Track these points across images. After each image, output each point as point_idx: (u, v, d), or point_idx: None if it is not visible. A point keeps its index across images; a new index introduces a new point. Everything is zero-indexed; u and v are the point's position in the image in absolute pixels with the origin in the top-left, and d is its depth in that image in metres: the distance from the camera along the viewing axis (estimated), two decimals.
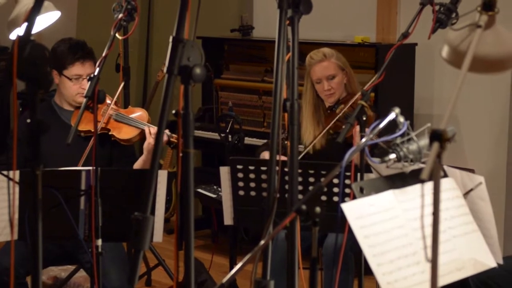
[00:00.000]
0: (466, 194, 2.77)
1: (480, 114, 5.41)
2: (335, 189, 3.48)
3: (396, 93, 5.31)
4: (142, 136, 4.15)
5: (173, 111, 2.23)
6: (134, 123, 4.16)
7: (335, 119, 4.20)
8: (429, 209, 1.86)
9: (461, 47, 2.16)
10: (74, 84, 4.09)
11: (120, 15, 3.71)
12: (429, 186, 1.85)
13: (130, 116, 4.20)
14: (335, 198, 3.49)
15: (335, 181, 3.44)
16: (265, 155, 4.36)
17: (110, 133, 4.14)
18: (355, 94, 4.29)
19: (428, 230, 1.87)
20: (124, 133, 4.15)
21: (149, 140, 4.01)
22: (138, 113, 4.25)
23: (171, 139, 4.09)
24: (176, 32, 2.14)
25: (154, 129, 4.04)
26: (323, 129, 4.26)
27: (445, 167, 2.77)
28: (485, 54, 2.13)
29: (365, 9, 5.84)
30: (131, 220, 2.07)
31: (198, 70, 2.16)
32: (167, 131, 4.06)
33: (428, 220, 1.87)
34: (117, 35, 3.58)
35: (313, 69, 4.37)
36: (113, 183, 3.46)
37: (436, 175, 1.83)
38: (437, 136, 1.82)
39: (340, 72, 4.37)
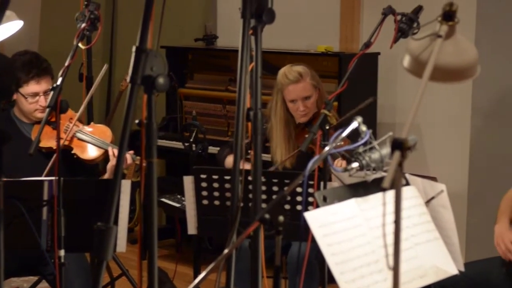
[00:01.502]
0: (428, 202, 2.79)
1: (442, 122, 5.46)
2: (299, 198, 3.49)
3: (359, 102, 5.33)
4: (105, 156, 4.12)
5: (136, 121, 2.23)
6: (97, 143, 4.13)
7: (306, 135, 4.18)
8: (391, 217, 1.88)
9: (422, 57, 2.19)
10: (30, 103, 4.05)
11: (83, 25, 3.70)
12: (390, 194, 1.87)
13: (94, 135, 4.17)
14: (299, 207, 3.50)
15: (299, 190, 3.45)
16: (231, 158, 4.35)
17: (72, 151, 4.11)
18: None
19: (390, 238, 1.89)
20: (87, 153, 4.12)
21: (113, 162, 3.97)
22: (102, 132, 4.22)
23: (136, 162, 4.06)
24: (139, 42, 2.13)
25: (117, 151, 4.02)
26: (293, 145, 4.24)
27: (407, 176, 2.79)
28: (445, 63, 2.16)
29: (328, 19, 5.87)
30: (94, 230, 2.06)
31: (161, 80, 2.15)
32: (131, 153, 4.05)
33: (390, 228, 1.88)
34: (80, 44, 3.56)
35: (287, 89, 4.31)
36: (75, 193, 3.44)
37: (397, 184, 1.85)
38: (398, 145, 1.83)
39: (314, 91, 4.33)
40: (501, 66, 5.10)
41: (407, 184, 2.74)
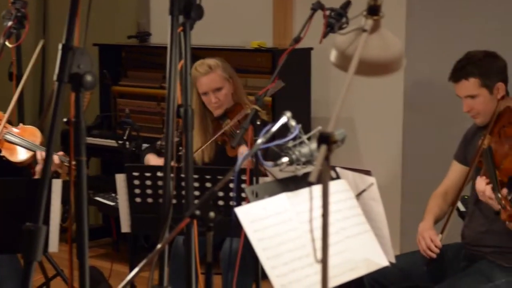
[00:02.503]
0: (358, 195, 2.82)
1: (375, 116, 5.51)
2: (232, 194, 3.50)
3: (293, 97, 5.36)
4: (34, 158, 4.08)
5: (64, 119, 2.21)
6: (26, 145, 4.08)
7: (221, 133, 4.20)
8: (319, 211, 1.89)
9: (348, 51, 2.20)
10: None
11: (10, 23, 3.65)
12: (319, 188, 1.88)
13: (23, 137, 4.11)
14: (232, 203, 3.51)
15: (232, 186, 3.46)
16: (150, 158, 4.34)
17: (1, 154, 4.06)
18: (242, 103, 4.31)
19: (319, 232, 1.90)
20: (16, 155, 4.08)
21: (41, 166, 3.93)
22: (31, 133, 4.17)
23: (65, 163, 4.01)
24: (66, 39, 2.12)
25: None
26: (210, 138, 4.25)
27: (338, 169, 2.82)
28: (371, 57, 2.17)
29: (261, 15, 5.88)
30: (23, 231, 2.04)
31: (89, 78, 2.14)
32: (60, 154, 4.01)
33: (319, 222, 1.89)
34: (7, 43, 3.51)
35: (199, 82, 4.34)
36: (5, 193, 3.40)
37: (324, 177, 1.86)
38: (324, 139, 1.85)
39: (226, 83, 4.35)
40: (432, 60, 5.18)
41: (338, 177, 2.77)
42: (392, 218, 5.37)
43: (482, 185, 3.30)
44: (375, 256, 2.63)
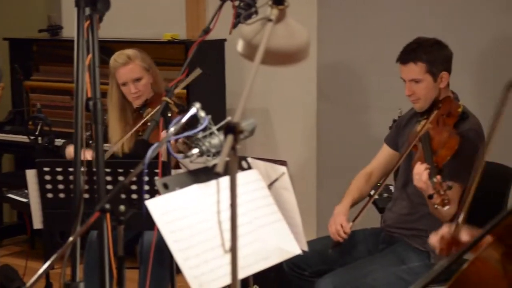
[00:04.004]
0: (270, 185, 2.83)
1: (289, 106, 5.55)
2: (146, 187, 3.48)
3: (208, 89, 5.36)
4: None
5: None
6: None
7: (142, 122, 4.18)
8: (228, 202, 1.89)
9: (254, 41, 2.21)
10: None
11: None
12: (227, 179, 1.88)
13: None
14: (147, 196, 3.48)
15: (147, 178, 3.44)
16: (71, 150, 4.29)
17: None
18: (162, 93, 4.29)
19: (228, 223, 1.90)
20: None
21: None
22: None
23: None
24: None
25: None
26: (130, 129, 4.23)
27: (249, 159, 2.82)
28: (277, 47, 2.18)
29: (174, 7, 5.86)
30: None
31: None
32: None
33: (228, 212, 1.89)
34: None
35: (118, 72, 4.33)
36: None
37: (232, 168, 1.86)
38: (231, 129, 1.85)
39: (145, 73, 4.34)
40: (344, 50, 5.23)
41: (249, 168, 2.77)
42: (308, 206, 5.43)
43: (421, 169, 3.35)
44: (287, 245, 2.65)
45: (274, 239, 2.61)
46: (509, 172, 3.72)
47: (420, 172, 3.35)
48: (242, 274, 2.44)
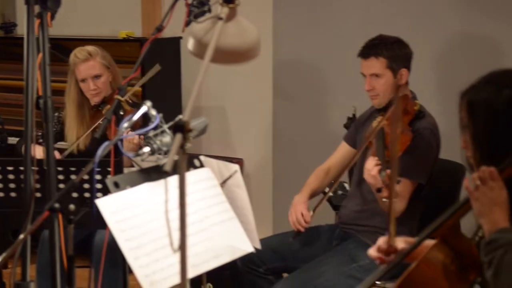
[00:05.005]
0: (223, 183, 2.83)
1: (246, 105, 5.54)
2: (99, 186, 3.45)
3: (164, 87, 5.34)
4: None
5: None
6: None
7: (101, 120, 4.15)
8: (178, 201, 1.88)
9: (205, 39, 2.21)
10: None
11: None
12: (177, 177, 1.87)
13: None
14: (99, 194, 3.46)
15: (99, 177, 3.41)
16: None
17: None
18: None
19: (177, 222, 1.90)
20: None
21: None
22: None
23: None
24: None
25: None
26: (87, 128, 4.21)
27: (202, 157, 2.82)
28: (227, 45, 2.18)
29: (129, 4, 5.83)
30: None
31: None
32: None
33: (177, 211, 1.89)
34: None
35: (78, 68, 4.30)
36: None
37: (181, 166, 1.86)
38: (179, 128, 1.84)
39: (105, 71, 4.32)
40: (300, 47, 5.24)
41: (202, 166, 2.77)
42: (265, 204, 5.44)
43: (371, 164, 3.40)
44: (239, 243, 2.65)
45: (226, 237, 2.61)
46: (461, 169, 3.75)
47: (371, 167, 3.39)
48: (193, 272, 2.44)
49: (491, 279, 2.15)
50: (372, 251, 2.66)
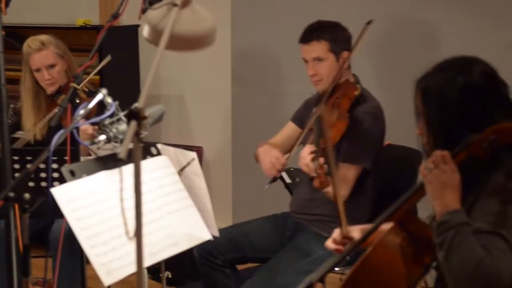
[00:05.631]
0: (181, 171, 2.82)
1: (205, 92, 5.54)
2: (56, 174, 3.43)
3: (122, 75, 5.30)
4: None
5: None
6: None
7: (56, 109, 4.12)
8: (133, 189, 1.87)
9: (159, 26, 2.20)
10: None
11: None
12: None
13: None
14: (56, 183, 3.43)
15: (55, 166, 3.39)
16: None
17: None
18: None
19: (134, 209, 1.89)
20: None
21: None
22: None
23: None
24: None
25: None
26: (44, 117, 4.17)
27: (159, 146, 2.81)
28: (182, 32, 2.17)
29: None
30: None
31: None
32: None
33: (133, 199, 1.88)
34: None
35: (31, 58, 4.26)
36: None
37: (135, 154, 1.84)
38: (134, 115, 1.83)
39: (60, 60, 4.29)
40: (258, 35, 5.23)
41: (159, 154, 2.76)
42: (224, 192, 5.44)
43: (305, 152, 3.36)
44: (197, 231, 2.65)
45: (184, 225, 2.61)
46: (417, 155, 3.77)
47: (305, 155, 3.36)
48: (151, 260, 2.44)
49: (442, 260, 2.17)
50: (329, 243, 2.67)
